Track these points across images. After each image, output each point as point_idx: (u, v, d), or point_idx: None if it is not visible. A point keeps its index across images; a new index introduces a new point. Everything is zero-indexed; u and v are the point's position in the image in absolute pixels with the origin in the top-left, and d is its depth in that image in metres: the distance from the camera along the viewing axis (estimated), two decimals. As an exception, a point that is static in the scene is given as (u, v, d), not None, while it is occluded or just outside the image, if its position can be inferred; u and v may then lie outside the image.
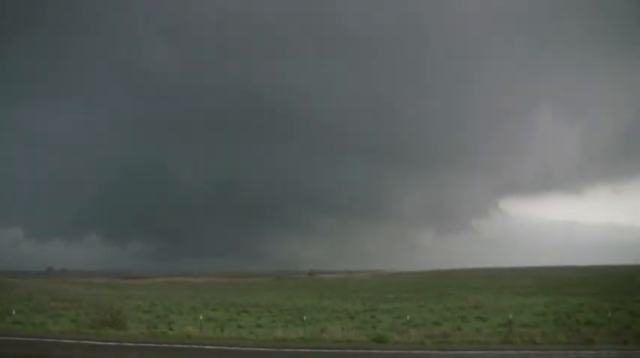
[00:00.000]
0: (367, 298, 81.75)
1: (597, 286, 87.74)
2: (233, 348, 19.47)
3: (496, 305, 58.56)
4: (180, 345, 19.99)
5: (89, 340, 21.17)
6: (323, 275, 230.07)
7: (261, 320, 42.23)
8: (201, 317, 35.17)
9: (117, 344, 20.02)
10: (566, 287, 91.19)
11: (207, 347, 19.72)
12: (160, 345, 19.88)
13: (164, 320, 40.01)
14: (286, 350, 19.59)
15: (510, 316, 34.61)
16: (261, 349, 19.54)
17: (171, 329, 30.67)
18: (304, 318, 34.62)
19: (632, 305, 45.07)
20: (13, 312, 36.01)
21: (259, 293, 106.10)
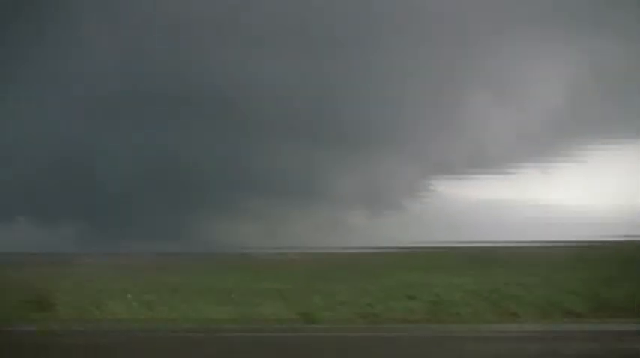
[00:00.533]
0: (298, 278, 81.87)
1: (525, 263, 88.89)
2: (162, 329, 19.34)
3: (426, 284, 58.96)
4: (109, 328, 19.82)
5: (13, 325, 20.86)
6: (254, 256, 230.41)
7: (192, 301, 42.10)
8: (130, 297, 34.91)
9: (43, 327, 19.77)
10: (495, 264, 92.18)
11: (137, 327, 19.57)
12: (88, 328, 19.68)
13: (94, 303, 39.60)
14: (215, 329, 19.53)
15: (440, 294, 34.97)
16: (192, 327, 19.45)
17: (100, 311, 30.37)
18: (234, 298, 34.58)
19: (559, 282, 45.87)
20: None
21: (190, 273, 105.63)
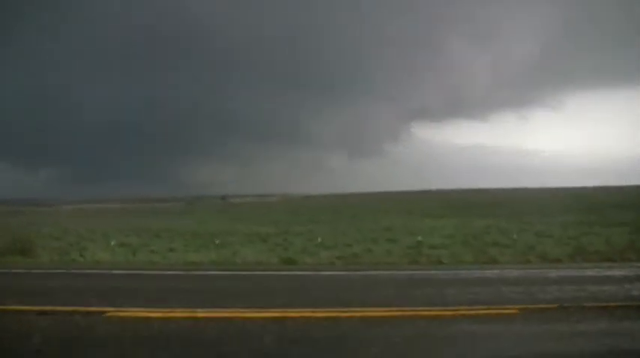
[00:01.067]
0: (279, 221, 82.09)
1: (505, 208, 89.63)
2: (144, 272, 19.45)
3: (406, 228, 59.29)
4: (91, 271, 19.89)
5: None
6: (235, 200, 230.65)
7: (174, 245, 42.12)
8: (113, 242, 35.00)
9: (25, 271, 19.83)
10: (474, 209, 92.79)
11: (118, 271, 19.66)
12: (69, 271, 19.75)
13: (76, 247, 39.60)
14: (197, 272, 19.65)
15: (419, 238, 35.23)
16: (172, 272, 19.55)
17: (82, 256, 30.41)
18: (216, 242, 34.72)
19: (538, 227, 46.21)
20: None
21: (172, 218, 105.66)
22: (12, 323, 10.32)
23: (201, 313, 11.04)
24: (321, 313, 11.05)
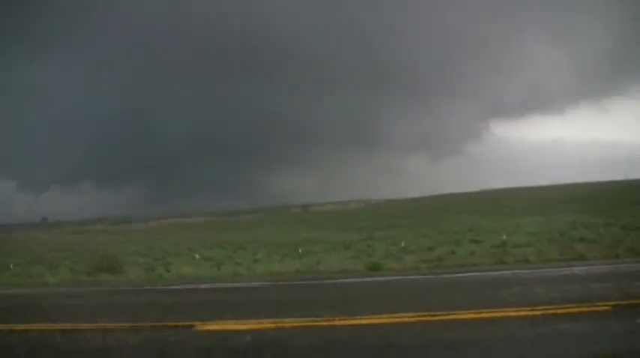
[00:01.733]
0: (361, 228, 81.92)
1: (589, 203, 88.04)
2: (230, 285, 19.59)
3: (489, 227, 58.81)
4: (177, 286, 20.09)
5: (85, 287, 21.31)
6: (316, 208, 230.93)
7: (258, 256, 42.40)
8: (197, 256, 35.34)
9: (114, 288, 20.14)
10: (558, 205, 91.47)
11: (204, 285, 19.83)
12: (155, 287, 20.00)
13: (161, 263, 40.17)
14: (282, 282, 19.71)
15: (504, 237, 34.86)
16: (258, 283, 19.64)
17: (168, 270, 30.82)
18: (299, 251, 34.81)
19: (624, 220, 45.31)
20: (11, 266, 36.11)
21: (254, 229, 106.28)
22: (102, 340, 10.47)
23: (289, 323, 11.05)
24: (410, 318, 10.97)
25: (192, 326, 11.18)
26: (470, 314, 11.08)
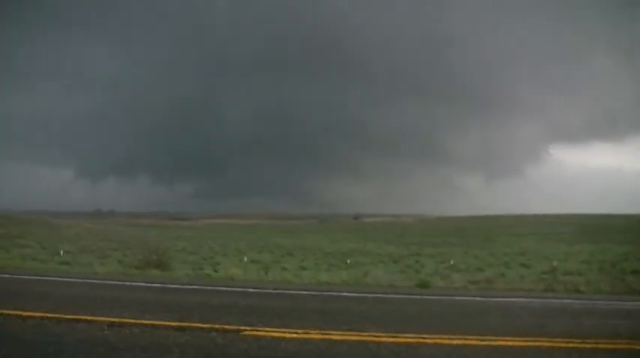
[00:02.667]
0: (411, 242, 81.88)
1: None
2: (278, 291, 19.60)
3: (540, 252, 58.36)
4: (224, 288, 20.16)
5: (133, 281, 21.46)
6: (368, 219, 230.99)
7: (305, 263, 42.52)
8: (245, 259, 35.50)
9: (161, 285, 20.27)
10: (612, 235, 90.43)
11: (252, 289, 19.87)
12: (203, 287, 20.07)
13: (209, 262, 40.44)
14: (329, 293, 19.68)
15: (554, 263, 34.58)
16: (305, 292, 19.63)
17: (216, 271, 31.01)
18: (348, 262, 34.81)
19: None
20: (62, 253, 36.58)
21: (304, 235, 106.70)
22: (150, 337, 10.54)
23: (335, 335, 11.04)
24: (457, 341, 10.91)
25: (240, 330, 11.21)
26: (518, 342, 10.98)
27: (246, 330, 11.26)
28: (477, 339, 11.08)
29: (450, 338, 11.09)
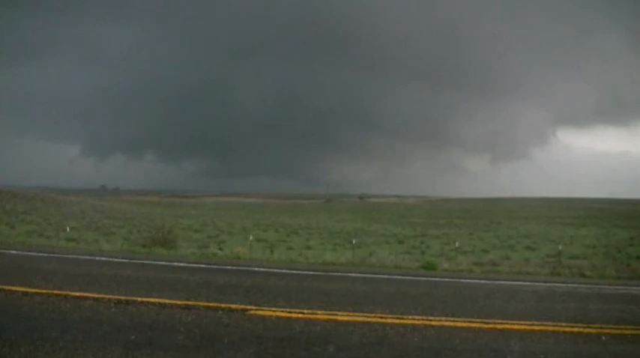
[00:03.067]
0: (417, 223, 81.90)
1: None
2: (283, 271, 19.63)
3: (546, 236, 58.38)
4: (230, 266, 20.20)
5: (139, 259, 21.51)
6: (374, 199, 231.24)
7: (311, 243, 42.61)
8: (251, 237, 35.54)
9: (167, 263, 20.32)
10: (617, 219, 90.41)
11: (257, 268, 19.91)
12: (209, 266, 20.12)
13: (215, 241, 40.54)
14: (335, 273, 19.71)
15: (560, 247, 34.53)
16: (310, 272, 19.66)
17: (221, 249, 31.07)
18: (353, 242, 34.83)
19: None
20: (67, 229, 36.67)
21: (310, 215, 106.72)
22: (156, 315, 10.57)
23: (341, 316, 11.07)
24: (462, 323, 10.94)
25: (246, 309, 11.25)
26: (523, 325, 11.01)
27: (251, 310, 11.30)
28: (481, 322, 11.11)
29: (454, 321, 11.12)
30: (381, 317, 11.15)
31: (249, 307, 11.47)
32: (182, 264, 20.16)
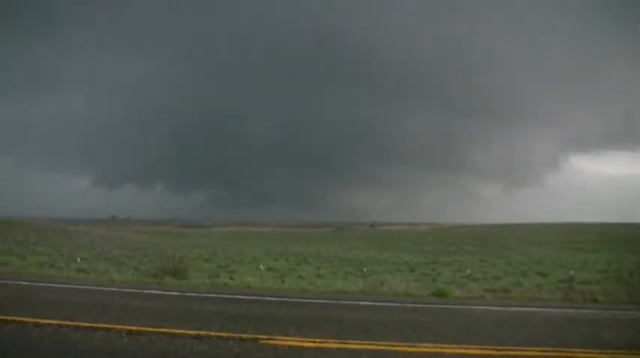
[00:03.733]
0: (428, 251, 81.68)
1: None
2: (294, 299, 19.59)
3: (558, 261, 58.17)
4: (241, 296, 20.17)
5: (150, 289, 21.49)
6: (385, 227, 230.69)
7: (322, 271, 42.52)
8: (262, 267, 35.48)
9: (178, 293, 20.29)
10: (629, 244, 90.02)
11: (269, 298, 19.86)
12: (221, 296, 20.08)
13: (225, 270, 40.49)
14: (346, 301, 19.65)
15: (572, 272, 34.34)
16: (321, 300, 19.62)
17: (232, 278, 31.04)
18: (364, 270, 34.73)
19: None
20: (78, 260, 36.68)
21: (320, 243, 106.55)
22: (167, 346, 10.55)
23: (352, 344, 11.04)
24: (474, 350, 10.88)
25: (258, 339, 11.23)
26: (536, 352, 10.95)
27: (263, 339, 11.27)
28: (494, 349, 11.05)
29: (467, 348, 11.07)
30: (393, 345, 11.11)
31: (260, 336, 11.45)
32: (193, 294, 20.12)
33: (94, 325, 12.09)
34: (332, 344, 11.01)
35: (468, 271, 38.43)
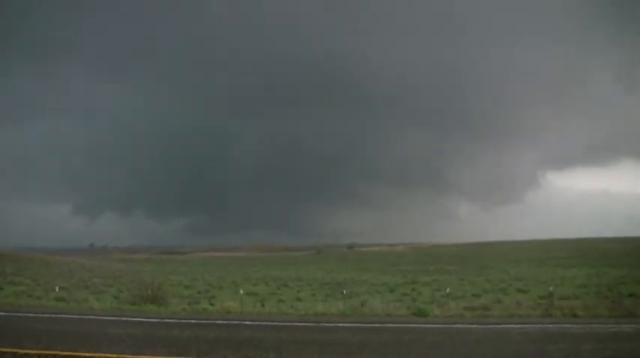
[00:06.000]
0: (407, 271, 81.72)
1: (638, 257, 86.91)
2: (274, 323, 19.56)
3: (537, 277, 58.38)
4: (221, 321, 20.11)
5: (130, 317, 21.38)
6: (363, 249, 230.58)
7: (301, 294, 42.43)
8: (241, 291, 35.38)
9: (158, 320, 20.20)
10: (607, 258, 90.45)
11: (249, 322, 19.82)
12: (200, 321, 20.01)
13: (205, 296, 40.33)
14: (326, 324, 19.64)
15: (551, 288, 34.49)
16: (302, 323, 19.60)
17: (212, 304, 30.90)
18: (344, 292, 34.70)
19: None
20: (57, 289, 36.44)
21: (300, 266, 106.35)
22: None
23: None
24: (456, 369, 10.91)
25: (239, 364, 11.19)
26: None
27: (242, 364, 11.24)
28: (475, 367, 11.08)
29: (448, 367, 11.08)
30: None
31: (239, 361, 11.42)
32: (173, 320, 20.04)
33: (74, 354, 12.01)
34: (315, 368, 11.00)
35: (447, 290, 38.53)
